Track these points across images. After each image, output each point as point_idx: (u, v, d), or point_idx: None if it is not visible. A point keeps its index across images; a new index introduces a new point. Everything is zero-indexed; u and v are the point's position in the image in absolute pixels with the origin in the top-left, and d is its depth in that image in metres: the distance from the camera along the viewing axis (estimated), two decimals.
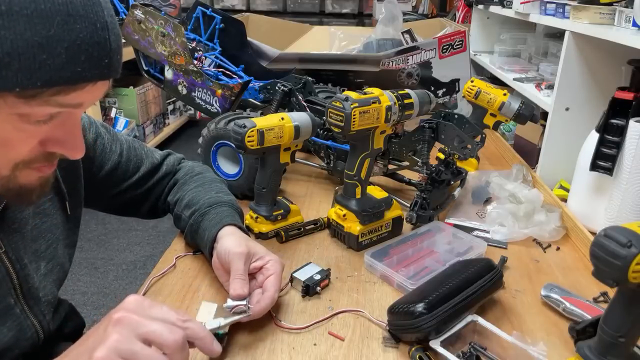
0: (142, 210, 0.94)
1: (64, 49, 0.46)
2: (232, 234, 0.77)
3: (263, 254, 0.74)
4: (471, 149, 0.97)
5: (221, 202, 0.84)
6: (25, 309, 0.65)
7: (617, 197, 0.96)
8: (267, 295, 0.69)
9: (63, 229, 0.73)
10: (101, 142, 0.82)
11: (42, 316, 0.67)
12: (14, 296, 0.63)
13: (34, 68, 0.45)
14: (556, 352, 0.67)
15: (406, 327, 0.66)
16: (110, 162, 0.83)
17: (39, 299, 0.67)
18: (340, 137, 0.90)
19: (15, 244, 0.64)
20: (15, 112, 0.48)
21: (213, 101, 1.19)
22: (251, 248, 0.74)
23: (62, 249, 0.73)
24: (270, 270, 0.72)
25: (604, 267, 0.51)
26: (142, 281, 0.87)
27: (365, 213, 0.88)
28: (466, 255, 0.85)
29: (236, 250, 0.72)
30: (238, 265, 0.71)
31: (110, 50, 0.49)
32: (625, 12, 1.16)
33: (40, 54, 0.45)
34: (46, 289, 0.68)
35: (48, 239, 0.70)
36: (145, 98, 3.34)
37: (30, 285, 0.65)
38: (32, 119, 0.49)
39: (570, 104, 1.34)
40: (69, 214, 0.74)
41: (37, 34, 0.44)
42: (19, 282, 0.64)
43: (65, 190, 0.73)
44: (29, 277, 0.65)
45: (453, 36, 1.45)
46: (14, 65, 0.44)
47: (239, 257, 0.71)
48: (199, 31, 1.36)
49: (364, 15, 4.18)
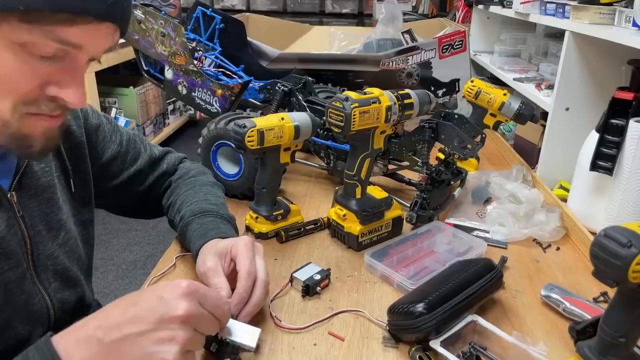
0: (145, 209, 0.94)
1: None
2: (208, 252, 0.74)
3: (233, 252, 0.72)
4: (471, 149, 0.97)
5: (206, 212, 0.82)
6: (33, 274, 0.66)
7: (617, 197, 0.96)
8: (247, 307, 0.67)
9: (70, 206, 0.75)
10: (102, 130, 0.83)
11: (47, 284, 0.68)
12: (26, 261, 0.65)
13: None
14: (556, 352, 0.67)
15: (406, 327, 0.66)
16: (110, 150, 0.84)
17: (46, 267, 0.68)
18: (340, 137, 0.90)
19: (31, 210, 0.65)
20: (17, 41, 0.48)
21: (213, 101, 1.19)
22: (220, 254, 0.72)
23: (73, 225, 0.74)
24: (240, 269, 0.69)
25: (604, 267, 0.51)
26: (142, 281, 0.87)
27: (365, 213, 0.88)
28: (466, 255, 0.85)
29: (202, 270, 0.72)
30: (214, 281, 0.69)
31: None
32: (625, 12, 1.16)
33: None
34: (58, 259, 0.69)
35: (64, 211, 0.71)
36: (145, 98, 3.34)
37: (40, 252, 0.66)
38: (34, 51, 0.49)
39: (570, 104, 1.34)
40: (72, 192, 0.75)
41: None
42: (31, 248, 0.65)
43: (70, 168, 0.74)
44: (40, 244, 0.66)
45: (453, 36, 1.45)
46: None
47: (211, 273, 0.70)
48: (199, 31, 1.36)
49: (364, 15, 4.18)
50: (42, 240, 0.67)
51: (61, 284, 0.71)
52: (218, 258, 0.72)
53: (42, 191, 0.68)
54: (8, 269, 0.62)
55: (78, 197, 0.77)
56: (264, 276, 0.70)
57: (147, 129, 3.37)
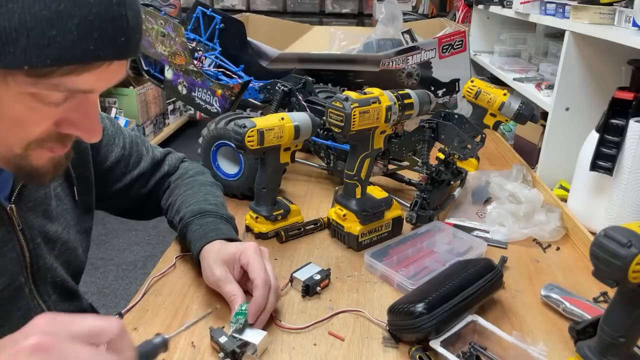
0: (145, 210, 0.94)
1: (74, 24, 0.43)
2: (209, 255, 0.75)
3: (243, 260, 0.72)
4: (471, 149, 0.97)
5: (205, 212, 0.82)
6: (32, 288, 0.65)
7: (617, 197, 0.96)
8: (264, 314, 0.68)
9: (73, 214, 0.74)
10: (106, 133, 0.82)
11: (47, 296, 0.68)
12: (25, 275, 0.64)
13: (42, 44, 0.42)
14: (556, 352, 0.67)
15: (406, 327, 0.66)
16: (113, 154, 0.83)
17: (46, 279, 0.67)
18: (340, 137, 0.90)
19: (31, 223, 0.64)
20: (25, 92, 0.46)
21: (213, 101, 1.19)
22: (227, 262, 0.72)
23: (74, 234, 0.74)
24: (255, 278, 0.69)
25: (604, 267, 0.51)
26: (142, 281, 0.87)
27: (365, 213, 0.88)
28: (466, 255, 0.85)
29: (212, 280, 0.72)
30: (226, 290, 0.70)
31: (126, 27, 0.46)
32: (625, 12, 1.16)
33: (50, 29, 0.42)
34: (56, 271, 0.69)
35: (62, 222, 0.71)
36: (145, 98, 3.34)
37: (40, 265, 0.66)
38: (43, 100, 0.47)
39: (570, 104, 1.34)
40: (76, 200, 0.75)
41: (47, 8, 0.41)
42: (30, 262, 0.64)
43: (74, 176, 0.73)
44: (39, 257, 0.66)
45: (453, 36, 1.45)
46: (21, 41, 0.42)
47: (222, 283, 0.71)
48: (199, 31, 1.36)
49: (364, 15, 4.18)
50: (41, 253, 0.66)
51: (60, 295, 0.71)
52: (226, 266, 0.72)
53: (39, 203, 0.67)
54: (2, 289, 0.60)
55: (81, 204, 0.76)
56: (275, 282, 0.71)
57: (147, 129, 3.37)
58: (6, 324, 0.61)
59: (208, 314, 0.72)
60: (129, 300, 0.76)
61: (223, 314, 0.72)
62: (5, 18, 0.41)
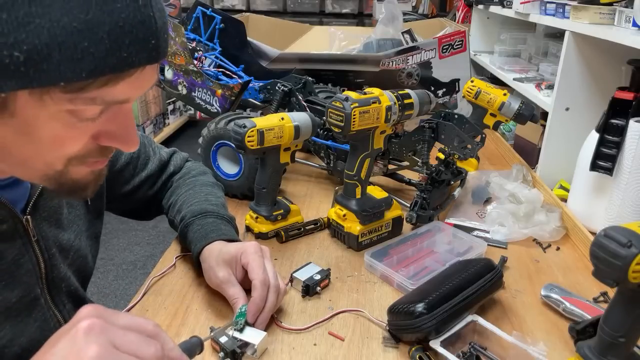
0: (150, 211, 0.95)
1: (105, 33, 0.41)
2: (210, 256, 0.75)
3: (244, 260, 0.72)
4: (471, 149, 0.97)
5: (206, 213, 0.82)
6: (48, 298, 0.65)
7: (617, 197, 0.96)
8: (263, 314, 0.69)
9: (85, 220, 0.74)
10: None
11: (62, 306, 0.67)
12: (40, 286, 0.64)
13: (76, 58, 0.41)
14: (556, 352, 0.67)
15: (406, 327, 0.66)
16: (123, 156, 0.84)
17: (60, 289, 0.67)
18: (340, 137, 0.90)
19: (45, 233, 0.64)
20: (64, 109, 0.45)
21: (213, 101, 1.19)
22: (229, 263, 0.73)
23: (85, 240, 0.74)
24: (254, 278, 0.70)
25: (604, 267, 0.51)
26: (142, 281, 0.87)
27: (365, 213, 0.88)
28: (466, 255, 0.85)
29: (215, 282, 0.73)
30: (230, 292, 0.71)
31: (156, 29, 0.45)
32: (625, 12, 1.16)
33: (81, 41, 0.40)
34: (70, 280, 0.69)
35: (74, 229, 0.70)
36: (145, 98, 3.34)
37: (54, 275, 0.65)
38: (81, 116, 0.46)
39: (570, 104, 1.34)
40: (88, 205, 0.75)
41: (75, 19, 0.40)
42: (45, 272, 0.64)
43: None
44: (54, 267, 0.65)
45: (453, 36, 1.45)
46: (54, 56, 0.40)
47: (225, 285, 0.71)
48: (199, 31, 1.36)
49: (364, 15, 4.18)
50: (56, 263, 0.65)
51: (73, 304, 0.71)
52: (228, 267, 0.73)
53: (53, 212, 0.66)
54: (16, 301, 0.60)
55: (93, 209, 0.76)
56: (275, 281, 0.70)
57: (147, 129, 3.36)
58: (22, 335, 0.60)
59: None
60: (129, 300, 0.76)
61: (224, 313, 0.72)
62: (34, 35, 0.39)
